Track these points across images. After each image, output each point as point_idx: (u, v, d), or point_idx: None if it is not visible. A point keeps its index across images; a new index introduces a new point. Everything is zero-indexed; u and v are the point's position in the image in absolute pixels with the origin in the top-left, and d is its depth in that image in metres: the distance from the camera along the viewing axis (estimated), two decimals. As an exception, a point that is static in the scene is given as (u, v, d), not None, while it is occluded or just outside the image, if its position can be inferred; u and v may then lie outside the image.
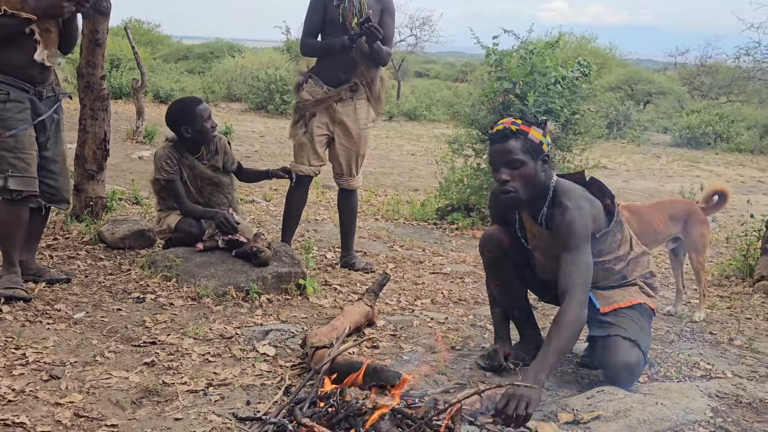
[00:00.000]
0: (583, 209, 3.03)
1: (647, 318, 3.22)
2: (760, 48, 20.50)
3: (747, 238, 5.61)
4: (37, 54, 3.66)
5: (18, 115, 3.62)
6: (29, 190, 3.67)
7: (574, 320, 2.85)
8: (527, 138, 3.00)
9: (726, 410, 2.91)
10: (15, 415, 2.51)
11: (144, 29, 28.21)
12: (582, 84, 6.68)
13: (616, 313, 3.15)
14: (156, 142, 10.81)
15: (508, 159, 3.00)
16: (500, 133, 3.02)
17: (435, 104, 21.91)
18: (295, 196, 4.83)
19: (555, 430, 2.62)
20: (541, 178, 3.06)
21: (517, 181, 3.00)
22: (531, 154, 3.00)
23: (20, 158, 3.62)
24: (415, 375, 2.87)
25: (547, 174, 3.08)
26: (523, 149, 2.99)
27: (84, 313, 3.58)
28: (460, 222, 6.61)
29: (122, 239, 4.73)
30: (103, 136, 5.19)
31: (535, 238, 3.23)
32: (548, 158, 3.07)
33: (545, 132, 3.06)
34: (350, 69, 4.61)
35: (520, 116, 3.11)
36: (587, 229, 3.02)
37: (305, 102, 4.64)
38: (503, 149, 3.01)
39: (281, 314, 3.81)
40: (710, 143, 18.40)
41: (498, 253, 3.36)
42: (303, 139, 4.66)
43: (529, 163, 3.00)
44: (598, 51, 28.36)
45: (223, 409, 2.69)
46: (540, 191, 3.08)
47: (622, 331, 3.08)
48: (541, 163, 3.04)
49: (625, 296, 3.21)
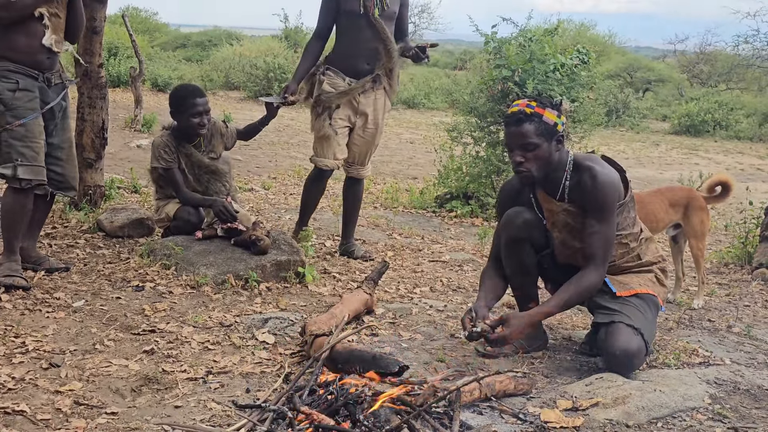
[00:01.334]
0: (611, 172, 3.10)
1: (654, 309, 3.23)
2: (759, 36, 20.48)
3: (746, 225, 5.61)
4: (45, 38, 3.66)
5: (28, 104, 3.63)
6: (38, 179, 3.68)
7: (589, 285, 3.04)
8: (542, 120, 3.03)
9: (724, 397, 2.92)
10: (15, 403, 2.52)
11: (141, 17, 28.05)
12: (581, 71, 6.66)
13: (623, 301, 3.16)
14: (154, 130, 10.78)
15: (523, 142, 3.04)
16: (515, 116, 3.04)
17: (434, 92, 21.83)
18: (317, 187, 4.84)
19: (558, 416, 2.63)
20: (556, 158, 3.10)
21: (532, 163, 3.06)
22: (545, 136, 3.04)
23: (30, 147, 3.62)
24: (414, 363, 2.88)
25: (561, 153, 3.12)
26: (537, 132, 3.02)
27: (83, 302, 3.58)
28: (459, 210, 6.61)
29: (121, 228, 4.73)
30: (102, 125, 5.18)
31: (554, 215, 3.22)
32: (563, 137, 3.10)
33: (560, 113, 3.08)
34: (373, 60, 4.58)
35: (535, 98, 3.13)
36: (616, 194, 3.08)
37: (328, 94, 4.56)
38: (518, 132, 3.04)
39: (280, 302, 3.82)
40: (709, 131, 18.37)
41: (521, 234, 3.30)
42: (329, 131, 4.58)
43: (543, 145, 3.04)
44: (597, 38, 28.26)
45: (223, 397, 2.69)
46: (557, 169, 3.12)
47: (625, 318, 3.09)
48: (555, 143, 3.08)
49: (641, 283, 3.23)
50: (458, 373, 3.01)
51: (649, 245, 3.33)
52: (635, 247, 3.25)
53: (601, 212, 3.04)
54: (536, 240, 3.31)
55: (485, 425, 2.51)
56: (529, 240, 3.31)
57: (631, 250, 3.25)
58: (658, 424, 2.67)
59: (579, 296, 3.11)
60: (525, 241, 3.31)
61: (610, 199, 3.04)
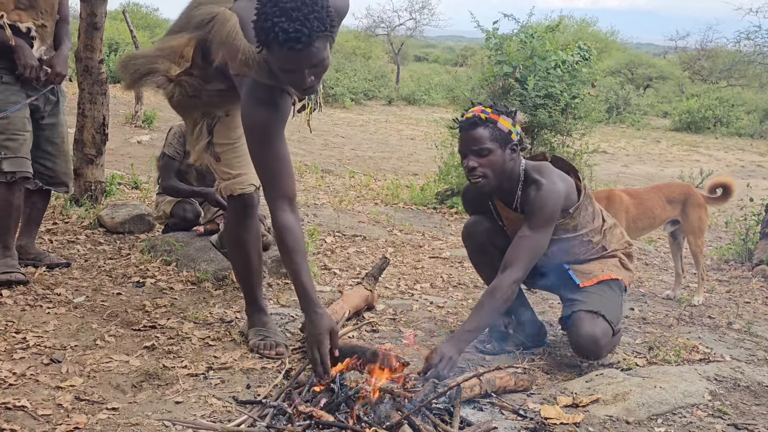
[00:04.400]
0: (556, 184, 3.08)
1: (618, 292, 3.24)
2: (761, 32, 20.42)
3: (746, 222, 5.61)
4: (34, 50, 3.70)
5: (11, 97, 3.64)
6: (22, 170, 3.66)
7: (503, 294, 2.98)
8: (496, 126, 3.02)
9: (724, 393, 2.92)
10: (16, 398, 2.52)
11: (142, 13, 28.04)
12: (582, 68, 6.66)
13: (586, 291, 3.17)
14: (155, 126, 10.79)
15: (477, 147, 3.03)
16: (469, 121, 3.05)
17: (434, 88, 21.85)
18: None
19: (558, 413, 2.63)
20: (510, 167, 3.09)
21: (485, 168, 3.03)
22: (499, 142, 3.03)
23: (12, 139, 3.62)
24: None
25: (516, 162, 3.11)
26: (492, 137, 3.01)
27: (84, 298, 3.58)
28: (460, 206, 6.61)
29: (122, 224, 4.73)
30: (102, 121, 5.17)
31: (513, 224, 3.24)
32: (517, 147, 3.09)
33: (515, 121, 3.08)
34: None
35: (490, 105, 3.13)
36: (557, 207, 3.07)
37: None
38: (471, 137, 3.03)
39: (281, 298, 3.82)
40: (710, 128, 18.38)
41: (482, 239, 3.37)
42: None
43: (496, 151, 3.03)
44: (598, 35, 28.27)
45: (224, 393, 2.70)
46: (511, 178, 3.12)
47: (583, 305, 3.11)
48: (509, 152, 3.06)
49: (603, 270, 3.24)
50: (458, 369, 3.01)
51: (613, 233, 3.33)
52: (599, 240, 3.27)
53: (536, 220, 3.03)
54: (499, 245, 3.31)
55: (485, 421, 2.51)
56: (493, 245, 3.35)
57: (595, 244, 3.26)
58: (658, 420, 2.67)
59: (495, 308, 3.02)
60: (489, 246, 3.36)
61: (548, 210, 3.03)
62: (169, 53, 2.90)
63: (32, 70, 3.62)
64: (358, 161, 10.13)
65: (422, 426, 2.32)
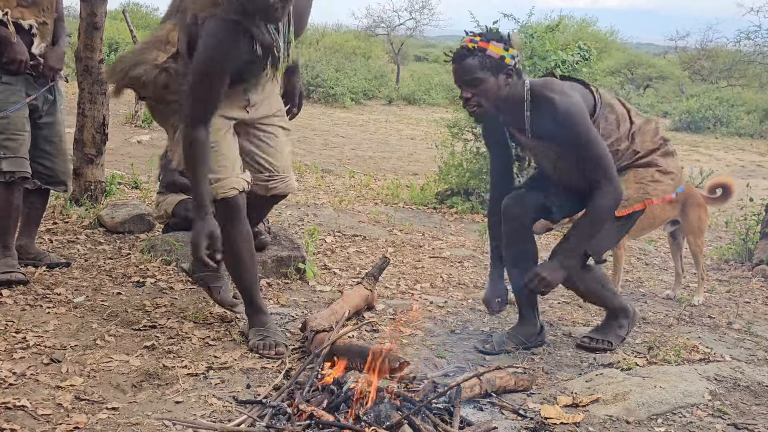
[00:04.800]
0: (568, 94, 3.01)
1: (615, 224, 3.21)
2: (761, 32, 20.45)
3: (746, 222, 5.61)
4: (34, 47, 3.70)
5: (11, 97, 3.63)
6: (21, 170, 3.66)
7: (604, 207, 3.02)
8: (485, 54, 2.96)
9: (724, 393, 2.93)
10: (16, 398, 2.52)
11: (142, 13, 27.98)
12: (582, 68, 6.65)
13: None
14: (155, 126, 10.76)
15: (467, 78, 2.98)
16: (458, 53, 3.01)
17: (434, 88, 21.80)
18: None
19: (558, 412, 2.63)
20: (507, 92, 3.02)
21: (480, 98, 2.99)
22: (491, 70, 2.96)
23: (12, 139, 3.62)
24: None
25: (515, 86, 3.04)
26: (482, 66, 2.96)
27: (84, 297, 3.58)
28: (460, 206, 6.61)
29: (122, 223, 4.73)
30: (102, 120, 5.17)
31: (530, 150, 3.22)
32: (513, 71, 3.01)
33: (507, 45, 3.00)
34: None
35: (480, 32, 3.05)
36: (585, 114, 3.01)
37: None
38: (460, 68, 3.00)
39: (281, 298, 3.82)
40: (710, 127, 18.36)
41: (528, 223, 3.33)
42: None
43: (489, 80, 2.97)
44: (598, 35, 28.22)
45: (224, 393, 2.70)
46: (513, 102, 3.05)
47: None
48: (504, 77, 3.00)
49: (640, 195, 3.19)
50: (458, 369, 3.01)
51: (644, 133, 3.25)
52: (627, 146, 3.20)
53: (579, 139, 2.97)
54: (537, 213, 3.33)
55: (485, 421, 2.51)
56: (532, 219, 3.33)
57: (624, 151, 3.20)
58: (658, 420, 2.67)
59: (598, 221, 3.06)
60: (526, 226, 3.33)
61: (580, 124, 2.96)
62: (155, 42, 2.99)
63: (20, 64, 3.62)
64: (358, 161, 10.13)
65: (422, 426, 2.32)
